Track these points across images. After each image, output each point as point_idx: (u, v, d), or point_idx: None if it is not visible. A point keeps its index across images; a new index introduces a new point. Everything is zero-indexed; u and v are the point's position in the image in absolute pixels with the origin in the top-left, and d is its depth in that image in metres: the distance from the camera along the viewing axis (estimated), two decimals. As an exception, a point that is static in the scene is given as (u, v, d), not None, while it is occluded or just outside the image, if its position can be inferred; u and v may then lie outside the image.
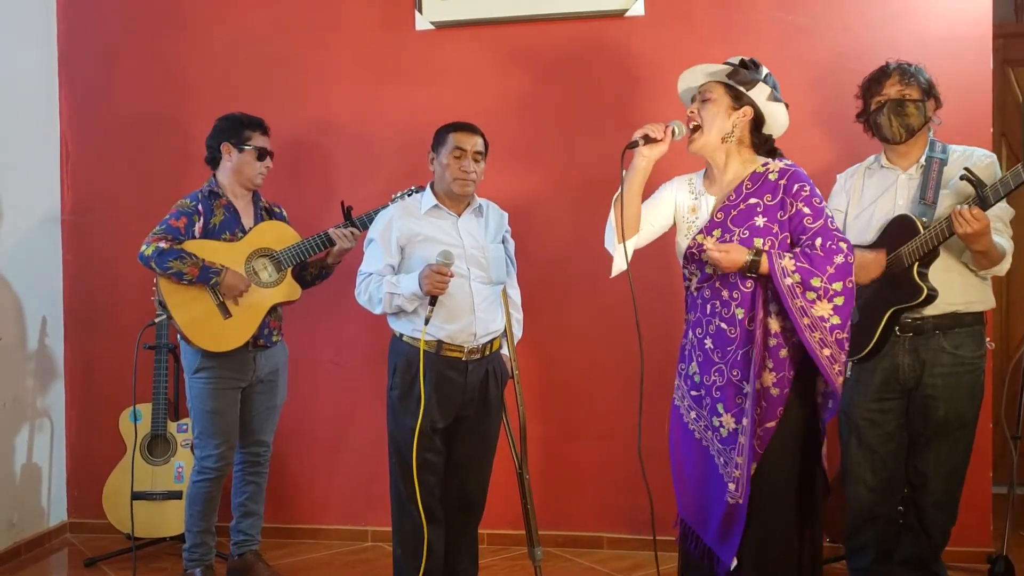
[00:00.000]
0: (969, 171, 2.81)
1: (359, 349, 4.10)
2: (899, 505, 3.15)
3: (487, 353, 3.19)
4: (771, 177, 2.67)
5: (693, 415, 2.74)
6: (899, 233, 2.96)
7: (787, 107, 2.74)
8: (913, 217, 2.95)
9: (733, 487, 2.57)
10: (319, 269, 3.60)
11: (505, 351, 3.28)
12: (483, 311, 3.14)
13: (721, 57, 2.79)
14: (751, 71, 2.68)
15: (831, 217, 2.65)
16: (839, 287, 2.54)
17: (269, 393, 3.59)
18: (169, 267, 3.30)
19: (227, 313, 3.40)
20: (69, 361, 4.33)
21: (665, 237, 2.94)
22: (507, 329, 3.25)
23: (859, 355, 3.04)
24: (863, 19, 3.72)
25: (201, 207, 3.44)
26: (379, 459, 3.47)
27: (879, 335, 3.00)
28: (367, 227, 3.37)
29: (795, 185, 2.64)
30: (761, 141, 2.76)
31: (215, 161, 3.53)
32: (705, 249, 2.62)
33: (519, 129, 3.91)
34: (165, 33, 4.22)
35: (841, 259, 2.56)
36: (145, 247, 3.34)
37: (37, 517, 4.19)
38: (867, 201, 3.12)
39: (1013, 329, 4.56)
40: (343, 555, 4.01)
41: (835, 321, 2.55)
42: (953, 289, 2.97)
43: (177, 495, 3.86)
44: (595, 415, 3.96)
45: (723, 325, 2.66)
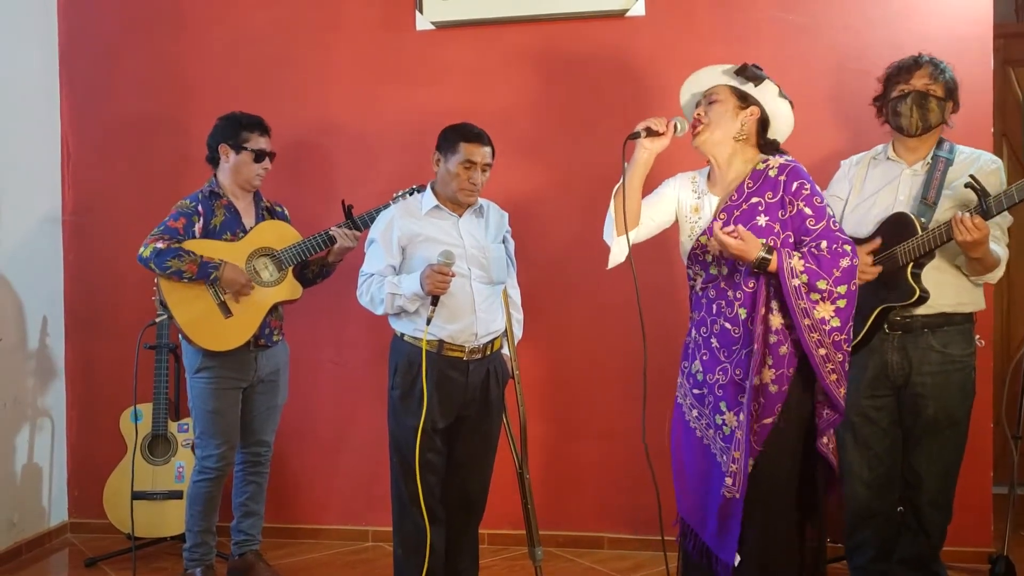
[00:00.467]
0: (974, 179, 2.80)
1: (360, 349, 4.10)
2: (898, 504, 3.15)
3: (488, 353, 3.19)
4: (771, 174, 2.67)
5: (695, 413, 2.74)
6: (896, 231, 2.95)
7: (792, 105, 2.74)
8: (912, 217, 2.94)
9: (730, 481, 2.57)
10: (320, 268, 3.60)
11: (506, 351, 3.28)
12: (484, 311, 3.14)
13: (722, 57, 2.79)
14: (758, 70, 2.69)
15: (833, 217, 2.64)
16: (843, 290, 2.54)
17: (270, 393, 3.59)
18: (168, 266, 3.30)
19: (228, 312, 3.40)
20: (70, 361, 4.33)
21: (666, 236, 2.93)
22: (507, 329, 3.25)
23: None
24: (863, 19, 3.72)
25: (201, 207, 3.44)
26: (380, 459, 3.46)
27: (866, 331, 3.00)
28: (368, 226, 3.37)
29: (795, 183, 2.63)
30: (768, 143, 2.75)
31: (215, 161, 3.53)
32: (714, 239, 2.58)
33: (519, 129, 3.91)
34: (166, 33, 4.22)
35: (847, 263, 2.56)
36: (143, 248, 3.34)
37: (38, 517, 4.19)
38: (868, 192, 3.11)
39: (1014, 330, 4.56)
40: (344, 555, 4.01)
41: (835, 324, 2.55)
42: (945, 290, 2.96)
43: (178, 495, 3.86)
44: (596, 415, 3.96)
45: (727, 325, 2.66)
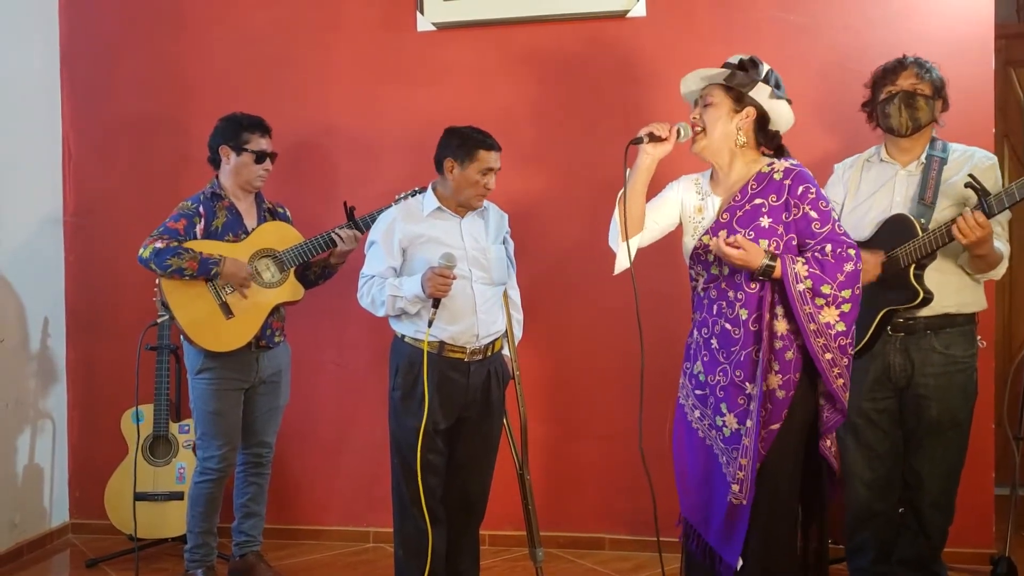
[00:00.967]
0: (974, 179, 2.80)
1: (361, 350, 4.10)
2: (899, 505, 3.15)
3: (489, 354, 3.19)
4: (776, 177, 2.66)
5: (697, 414, 2.73)
6: (896, 233, 2.95)
7: (790, 103, 2.73)
8: (911, 218, 2.94)
9: (737, 488, 2.57)
10: (322, 268, 3.60)
11: (506, 352, 3.28)
12: (485, 312, 3.14)
13: (722, 57, 2.78)
14: (749, 72, 2.67)
15: (838, 221, 2.64)
16: (847, 294, 2.54)
17: (272, 394, 3.59)
18: (168, 265, 3.30)
19: (230, 313, 3.40)
20: (71, 362, 4.33)
21: (669, 240, 2.92)
22: (508, 330, 3.25)
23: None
24: (864, 19, 3.72)
25: (202, 209, 3.44)
26: (380, 460, 3.47)
27: (871, 334, 3.00)
28: (369, 228, 3.37)
29: (800, 187, 2.62)
30: (768, 138, 2.74)
31: (216, 163, 3.53)
32: (713, 247, 2.58)
33: (520, 130, 3.90)
34: (166, 33, 4.22)
35: (851, 267, 2.55)
36: (143, 249, 3.34)
37: (39, 518, 4.19)
38: (864, 195, 3.11)
39: (1016, 330, 4.55)
40: (344, 556, 4.01)
41: (840, 328, 2.54)
42: (947, 290, 2.96)
43: (179, 496, 3.86)
44: (596, 416, 3.96)
45: (728, 326, 2.66)
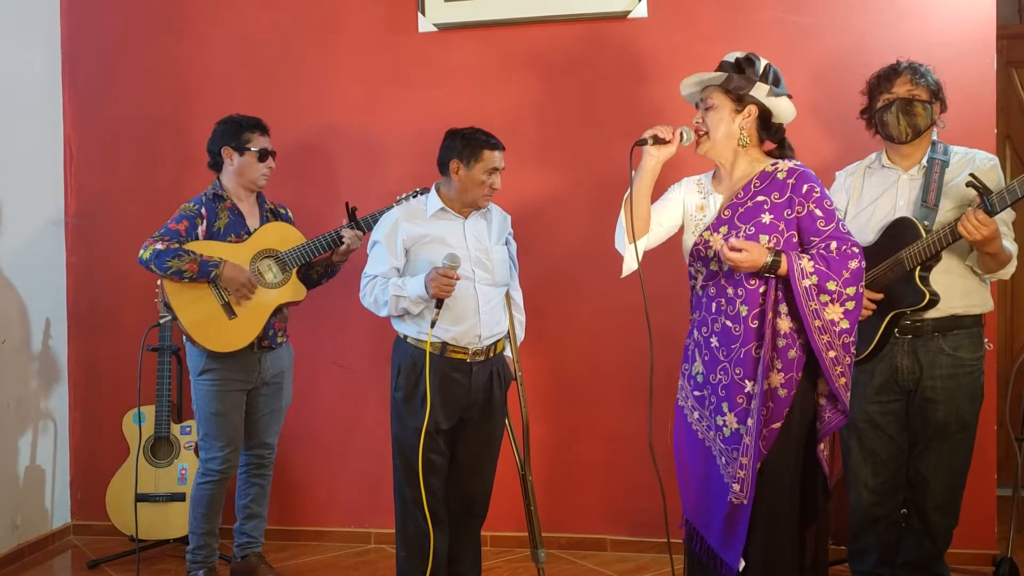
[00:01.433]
0: (975, 177, 2.80)
1: (363, 351, 4.10)
2: (902, 507, 3.14)
3: (491, 355, 3.19)
4: (779, 176, 2.67)
5: (696, 415, 2.73)
6: (900, 236, 2.94)
7: (790, 98, 2.72)
8: (915, 220, 2.94)
9: (738, 487, 2.57)
10: (324, 268, 3.60)
11: (508, 353, 3.28)
12: (487, 313, 3.14)
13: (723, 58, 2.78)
14: (746, 71, 2.67)
15: (841, 220, 2.64)
16: (852, 292, 2.54)
17: (274, 395, 3.59)
18: (168, 266, 3.31)
19: (232, 314, 3.40)
20: (73, 363, 4.34)
21: (670, 242, 2.92)
22: (510, 331, 3.25)
23: (859, 357, 3.01)
24: (866, 20, 3.72)
25: (205, 210, 3.45)
26: (382, 461, 3.47)
27: (879, 337, 2.99)
28: (372, 228, 3.37)
29: (804, 185, 2.63)
30: (772, 132, 2.74)
31: (218, 166, 3.54)
32: (718, 250, 2.58)
33: (522, 131, 3.91)
34: (168, 35, 4.23)
35: (855, 264, 2.56)
36: (143, 251, 3.34)
37: (40, 519, 4.19)
38: (866, 201, 3.11)
39: (1017, 332, 4.55)
40: (346, 557, 4.01)
41: (844, 325, 2.55)
42: (954, 292, 2.96)
43: (180, 497, 3.86)
44: (598, 417, 3.96)
45: (728, 323, 2.66)
